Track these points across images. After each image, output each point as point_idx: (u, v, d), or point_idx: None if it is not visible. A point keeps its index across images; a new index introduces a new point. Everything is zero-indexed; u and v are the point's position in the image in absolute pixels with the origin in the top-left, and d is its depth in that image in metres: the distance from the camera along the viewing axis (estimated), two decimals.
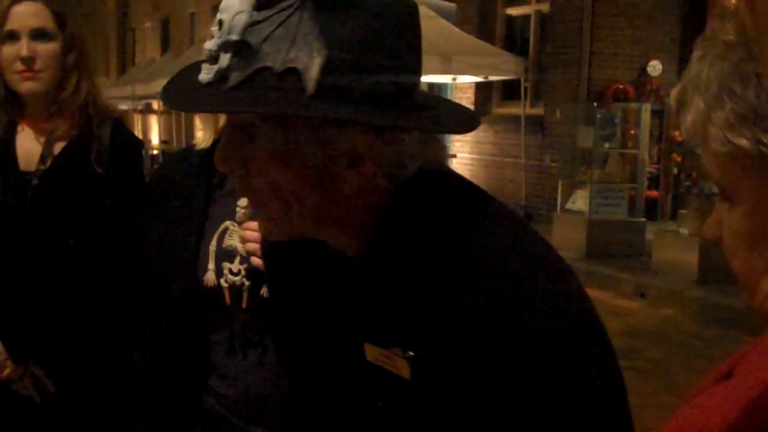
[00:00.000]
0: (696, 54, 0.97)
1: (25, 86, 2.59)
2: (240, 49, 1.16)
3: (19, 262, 2.60)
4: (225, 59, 1.17)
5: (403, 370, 1.18)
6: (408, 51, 1.22)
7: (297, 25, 1.15)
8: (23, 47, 2.56)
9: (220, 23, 1.21)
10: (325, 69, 1.13)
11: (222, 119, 2.06)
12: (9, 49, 2.57)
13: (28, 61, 2.56)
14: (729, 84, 0.92)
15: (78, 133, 2.64)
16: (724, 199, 0.98)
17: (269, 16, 1.16)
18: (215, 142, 2.12)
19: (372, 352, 1.23)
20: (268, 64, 1.15)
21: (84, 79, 2.65)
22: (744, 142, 0.91)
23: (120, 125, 2.72)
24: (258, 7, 1.17)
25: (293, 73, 1.14)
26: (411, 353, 1.17)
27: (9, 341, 2.58)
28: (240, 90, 1.17)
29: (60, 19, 2.61)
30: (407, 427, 1.22)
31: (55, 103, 2.63)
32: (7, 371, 2.59)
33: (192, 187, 2.18)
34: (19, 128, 2.65)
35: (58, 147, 2.63)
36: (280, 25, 1.15)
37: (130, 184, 2.68)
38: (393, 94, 1.19)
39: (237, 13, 1.18)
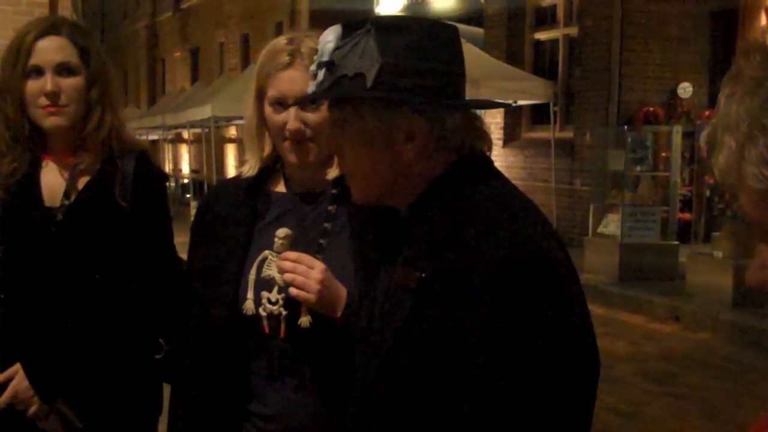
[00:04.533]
0: (723, 93, 0.94)
1: (50, 121, 2.58)
2: (328, 66, 1.68)
3: (45, 298, 2.58)
4: (320, 74, 1.70)
5: (412, 282, 1.64)
6: (450, 59, 1.70)
7: (364, 45, 1.63)
8: (48, 82, 2.55)
9: (318, 51, 1.73)
10: (380, 71, 1.62)
11: (267, 148, 2.25)
12: (33, 85, 2.56)
13: (53, 97, 2.55)
14: (761, 119, 0.89)
15: (102, 167, 2.63)
16: (764, 241, 0.94)
17: (347, 42, 1.66)
18: (261, 170, 2.26)
19: (400, 272, 1.70)
20: (345, 72, 1.65)
21: (108, 113, 2.64)
22: None
23: (144, 158, 2.70)
24: (342, 36, 1.67)
25: (360, 76, 1.64)
26: (422, 274, 1.63)
27: (36, 378, 2.57)
28: (330, 91, 1.70)
29: (84, 53, 2.61)
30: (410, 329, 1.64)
31: (78, 138, 2.63)
32: (33, 408, 2.57)
33: (237, 216, 2.25)
34: (43, 164, 2.65)
35: (82, 182, 2.63)
36: (354, 46, 1.65)
37: (155, 217, 2.68)
38: (438, 87, 1.66)
39: (327, 43, 1.69)
